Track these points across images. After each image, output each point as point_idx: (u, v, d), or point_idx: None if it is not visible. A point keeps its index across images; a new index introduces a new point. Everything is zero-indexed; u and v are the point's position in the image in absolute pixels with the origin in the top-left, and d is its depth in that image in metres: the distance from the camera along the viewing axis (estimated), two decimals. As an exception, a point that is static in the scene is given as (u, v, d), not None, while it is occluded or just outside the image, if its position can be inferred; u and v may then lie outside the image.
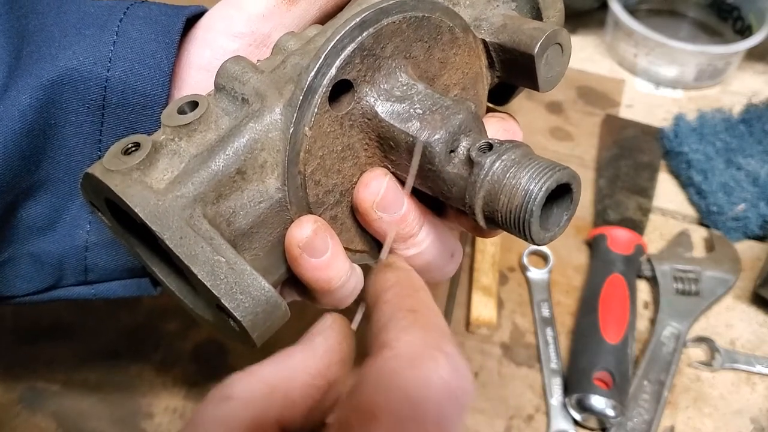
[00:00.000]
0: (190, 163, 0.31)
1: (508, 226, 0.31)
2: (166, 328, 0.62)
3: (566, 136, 0.81)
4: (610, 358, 0.57)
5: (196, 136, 0.32)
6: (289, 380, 0.25)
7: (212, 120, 0.33)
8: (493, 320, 0.63)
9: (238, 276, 0.30)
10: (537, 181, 0.30)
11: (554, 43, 0.37)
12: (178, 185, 0.31)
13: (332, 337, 0.26)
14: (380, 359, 0.23)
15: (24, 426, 0.56)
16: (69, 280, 0.40)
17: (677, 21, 0.97)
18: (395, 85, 0.34)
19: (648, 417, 0.57)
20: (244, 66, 0.34)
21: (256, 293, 0.30)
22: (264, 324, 0.31)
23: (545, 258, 0.68)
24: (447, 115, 0.33)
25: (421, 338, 0.23)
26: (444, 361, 0.22)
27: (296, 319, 0.64)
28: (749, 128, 0.77)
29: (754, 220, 0.69)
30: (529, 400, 0.58)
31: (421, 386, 0.21)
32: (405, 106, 0.34)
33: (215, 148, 0.32)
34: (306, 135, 0.32)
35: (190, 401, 0.58)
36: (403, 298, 0.26)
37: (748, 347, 0.62)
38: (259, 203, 0.33)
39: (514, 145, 0.32)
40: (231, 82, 0.33)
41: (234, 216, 0.33)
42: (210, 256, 0.30)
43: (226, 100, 0.34)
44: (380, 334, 0.24)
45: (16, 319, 0.63)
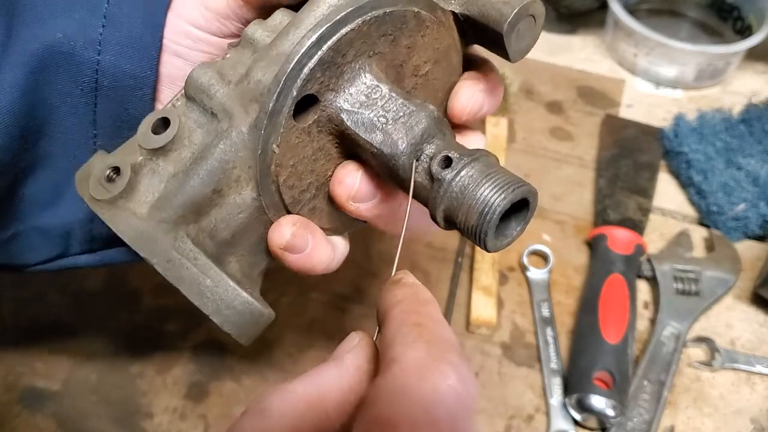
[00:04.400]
0: (169, 185, 0.33)
1: (465, 232, 0.33)
2: (166, 328, 0.62)
3: (566, 136, 0.81)
4: (610, 358, 0.57)
5: (172, 155, 0.34)
6: (324, 396, 0.26)
7: (185, 136, 0.34)
8: (493, 320, 0.63)
9: (223, 293, 0.33)
10: (493, 198, 0.31)
11: (526, 17, 0.36)
12: (159, 211, 0.33)
13: (361, 355, 0.27)
14: (389, 374, 0.24)
15: (24, 426, 0.56)
16: (75, 249, 0.42)
17: (677, 21, 0.97)
18: (360, 88, 0.35)
19: (648, 417, 0.57)
20: (210, 77, 0.34)
21: (241, 307, 0.33)
22: (249, 331, 0.34)
23: (545, 258, 0.68)
24: (410, 125, 0.34)
25: (426, 351, 0.24)
26: (450, 371, 0.23)
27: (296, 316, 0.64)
28: (749, 128, 0.77)
29: (754, 220, 0.69)
30: (529, 400, 0.58)
31: (431, 393, 0.23)
32: (369, 114, 0.34)
33: (190, 171, 0.33)
34: (275, 152, 0.34)
35: (190, 401, 0.58)
36: (409, 314, 0.27)
37: (748, 347, 0.62)
38: (238, 214, 0.35)
39: (472, 159, 0.32)
40: (199, 95, 0.35)
41: (215, 230, 0.35)
42: (196, 278, 0.33)
43: (197, 112, 0.35)
44: (388, 350, 0.25)
45: (16, 319, 0.63)
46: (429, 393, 0.23)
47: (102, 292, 0.65)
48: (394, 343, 0.25)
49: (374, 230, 0.58)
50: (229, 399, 0.58)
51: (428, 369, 0.23)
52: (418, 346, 0.24)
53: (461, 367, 0.24)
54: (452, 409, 0.23)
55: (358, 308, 0.64)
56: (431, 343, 0.25)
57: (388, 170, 0.34)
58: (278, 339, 0.62)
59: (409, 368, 0.24)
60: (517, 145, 0.80)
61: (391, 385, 0.23)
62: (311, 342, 0.62)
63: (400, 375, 0.23)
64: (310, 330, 0.63)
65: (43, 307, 0.63)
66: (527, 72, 0.89)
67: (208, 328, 0.62)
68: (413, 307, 0.27)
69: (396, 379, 0.23)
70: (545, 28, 0.96)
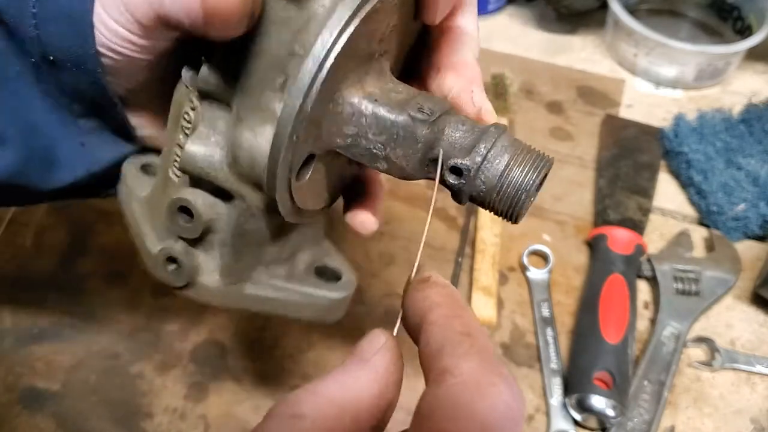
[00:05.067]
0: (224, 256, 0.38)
1: (493, 210, 0.33)
2: (166, 328, 0.62)
3: (566, 136, 0.81)
4: (610, 358, 0.57)
5: (211, 229, 0.37)
6: (356, 401, 0.25)
7: (211, 210, 0.37)
8: (493, 320, 0.63)
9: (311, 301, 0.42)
10: (522, 182, 0.31)
11: None
12: (227, 276, 0.39)
13: (388, 357, 0.26)
14: (444, 386, 0.23)
15: (24, 426, 0.56)
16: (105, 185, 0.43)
17: (677, 21, 0.97)
18: (346, 121, 0.32)
19: (648, 417, 0.57)
20: (202, 157, 0.35)
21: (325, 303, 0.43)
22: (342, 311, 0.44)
23: (545, 258, 0.68)
24: (407, 146, 0.32)
25: (480, 364, 0.24)
26: (504, 387, 0.23)
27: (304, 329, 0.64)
28: (749, 128, 0.77)
29: (754, 220, 0.69)
30: (529, 400, 0.58)
31: (489, 412, 0.22)
32: (366, 145, 0.33)
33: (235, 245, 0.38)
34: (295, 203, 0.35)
35: (190, 401, 0.58)
36: (453, 319, 0.26)
37: (748, 347, 0.62)
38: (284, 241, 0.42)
39: (487, 151, 0.31)
40: (204, 177, 0.35)
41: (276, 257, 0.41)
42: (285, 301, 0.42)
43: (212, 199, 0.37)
44: (437, 359, 0.25)
45: (16, 319, 0.63)
46: (488, 411, 0.22)
47: (102, 292, 0.65)
48: (442, 352, 0.24)
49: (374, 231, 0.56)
50: (229, 399, 0.58)
51: (485, 385, 0.23)
52: (471, 358, 0.24)
53: (512, 380, 0.24)
54: (507, 429, 0.23)
55: (358, 308, 0.64)
56: (483, 355, 0.24)
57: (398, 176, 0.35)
58: (278, 339, 0.62)
59: (467, 382, 0.23)
60: (517, 145, 0.80)
61: (448, 399, 0.23)
62: (311, 342, 0.62)
63: (456, 388, 0.23)
64: (310, 330, 0.63)
65: (42, 308, 0.63)
66: (527, 72, 0.89)
67: (209, 328, 0.62)
68: (455, 312, 0.26)
69: (452, 393, 0.23)
70: (545, 28, 0.97)
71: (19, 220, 0.69)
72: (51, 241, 0.68)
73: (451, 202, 0.72)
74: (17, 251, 0.67)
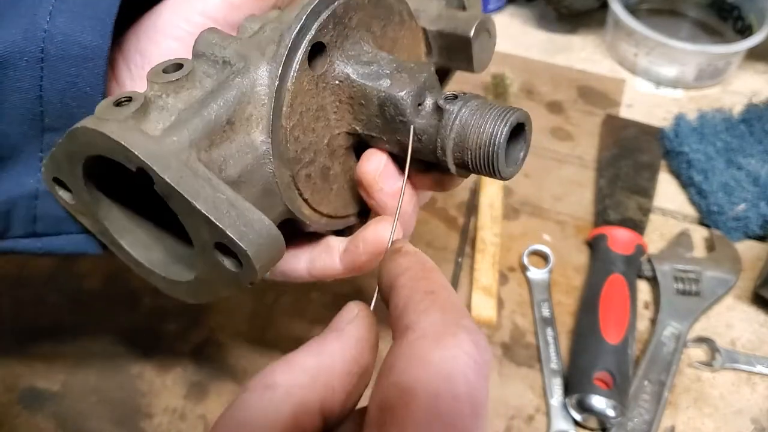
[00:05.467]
0: (182, 115, 0.33)
1: (476, 164, 0.35)
2: (165, 328, 0.62)
3: (566, 136, 0.81)
4: (610, 358, 0.57)
5: (183, 92, 0.33)
6: (329, 369, 0.26)
7: (197, 79, 0.34)
8: (493, 320, 0.63)
9: (239, 210, 0.31)
10: (501, 119, 0.34)
11: (485, 29, 0.43)
12: (173, 131, 0.32)
13: (362, 326, 0.27)
14: (406, 342, 0.24)
15: (24, 426, 0.56)
16: (17, 230, 0.39)
17: (677, 21, 0.97)
18: (361, 52, 0.37)
19: (648, 417, 0.57)
20: (222, 35, 0.36)
21: (258, 227, 0.31)
22: (267, 255, 0.31)
23: (545, 258, 0.68)
24: (413, 74, 0.36)
25: (441, 318, 0.24)
26: (465, 337, 0.23)
27: (296, 315, 0.64)
28: (750, 128, 0.77)
29: (754, 220, 0.69)
30: (529, 401, 0.58)
31: (448, 361, 0.23)
32: (374, 68, 0.37)
33: (206, 99, 0.33)
34: (288, 90, 0.34)
35: (190, 401, 0.58)
36: (419, 281, 0.27)
37: (748, 347, 0.62)
38: (246, 154, 0.35)
39: (474, 95, 0.36)
40: (211, 48, 0.35)
41: (225, 164, 0.34)
42: (211, 193, 0.31)
43: (206, 65, 0.35)
44: (402, 318, 0.25)
45: (15, 320, 0.63)
46: (448, 362, 0.23)
47: (102, 292, 0.65)
48: (407, 310, 0.25)
49: None
50: (229, 399, 0.58)
51: (445, 336, 0.23)
52: (432, 313, 0.24)
53: (476, 333, 0.24)
54: (471, 379, 0.23)
55: (358, 308, 0.64)
56: (445, 309, 0.25)
57: (393, 119, 0.36)
58: (278, 339, 0.62)
59: (426, 335, 0.23)
60: (517, 145, 0.80)
61: (409, 353, 0.23)
62: (311, 342, 0.62)
63: (417, 343, 0.23)
64: (310, 330, 0.63)
65: (42, 308, 0.63)
66: (527, 72, 0.89)
67: (208, 328, 0.62)
68: (422, 274, 0.27)
69: (413, 347, 0.23)
70: (546, 28, 0.97)
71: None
72: (51, 241, 0.68)
73: (451, 202, 0.73)
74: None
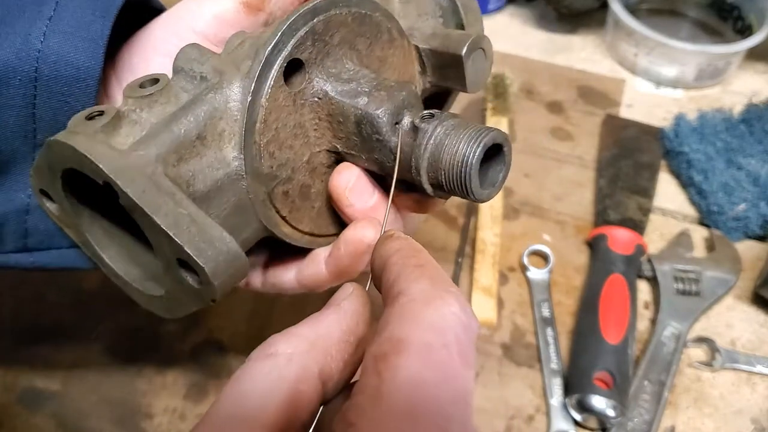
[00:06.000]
0: (152, 129, 0.33)
1: (451, 185, 0.34)
2: (165, 328, 0.62)
3: (566, 136, 0.81)
4: (610, 358, 0.57)
5: (156, 107, 0.34)
6: (326, 336, 0.27)
7: (172, 94, 0.35)
8: (493, 320, 0.63)
9: (200, 227, 0.31)
10: (475, 140, 0.33)
11: (479, 48, 0.41)
12: (140, 145, 0.32)
13: (356, 301, 0.29)
14: (398, 305, 0.26)
15: (24, 426, 0.56)
16: (8, 245, 0.39)
17: (677, 21, 0.97)
18: (342, 70, 0.37)
19: (648, 417, 0.57)
20: (202, 50, 0.36)
21: (219, 244, 0.31)
22: (226, 272, 0.31)
23: (545, 258, 0.68)
24: (392, 92, 0.36)
25: (431, 284, 0.26)
26: (453, 299, 0.25)
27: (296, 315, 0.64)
28: (750, 128, 0.77)
29: (754, 220, 0.69)
30: (529, 401, 0.58)
31: (437, 318, 0.24)
32: (353, 86, 0.36)
33: (177, 114, 0.33)
34: (262, 106, 0.34)
35: (190, 401, 0.58)
36: (409, 257, 0.28)
37: (748, 347, 0.62)
38: (217, 169, 0.34)
39: (452, 115, 0.35)
40: (189, 63, 0.35)
41: (193, 179, 0.34)
42: (173, 208, 0.31)
43: (184, 80, 0.35)
44: (393, 287, 0.27)
45: (15, 320, 0.63)
46: (437, 318, 0.24)
47: (102, 292, 0.65)
48: (398, 280, 0.27)
49: None
50: (229, 399, 0.58)
51: (434, 298, 0.25)
52: (423, 281, 0.26)
53: (463, 299, 0.26)
54: (459, 333, 0.24)
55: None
56: (434, 278, 0.27)
57: (370, 137, 0.36)
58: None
59: (416, 298, 0.25)
60: (517, 145, 0.80)
61: (400, 311, 0.25)
62: (311, 342, 0.62)
63: (408, 304, 0.25)
64: (310, 330, 0.62)
65: (42, 308, 0.63)
66: (527, 72, 0.89)
67: (208, 328, 0.62)
68: (412, 253, 0.29)
69: (404, 307, 0.25)
70: (545, 28, 0.97)
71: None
72: (51, 240, 0.68)
73: (451, 203, 0.73)
74: (17, 251, 0.68)
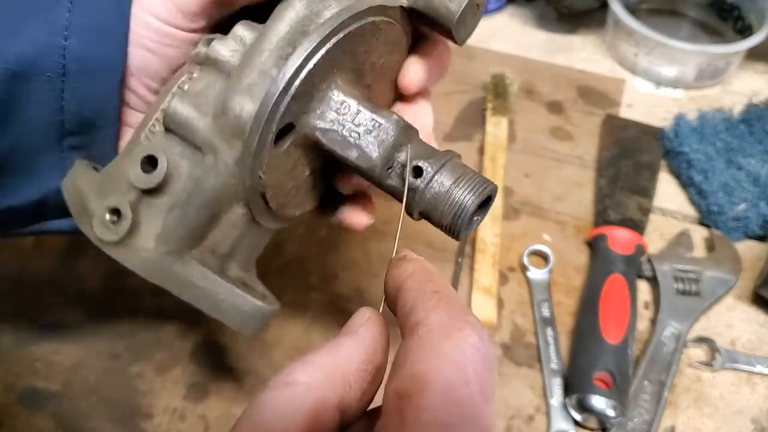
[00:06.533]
0: (168, 219, 0.37)
1: (441, 223, 0.37)
2: (165, 328, 0.62)
3: (566, 136, 0.81)
4: (610, 358, 0.57)
5: (165, 189, 0.37)
6: (344, 366, 0.27)
7: (173, 170, 0.37)
8: (493, 320, 0.63)
9: (235, 302, 0.39)
10: (464, 201, 0.36)
11: (471, 7, 0.39)
12: (164, 244, 0.37)
13: (374, 328, 0.29)
14: (416, 337, 0.25)
15: (24, 426, 0.56)
16: (50, 216, 0.42)
17: (677, 21, 0.97)
18: (329, 106, 0.38)
19: (648, 417, 0.57)
20: (188, 112, 0.36)
21: (251, 311, 0.40)
22: (260, 326, 0.41)
23: (545, 258, 0.68)
24: (381, 138, 0.37)
25: (448, 314, 0.26)
26: (471, 330, 0.25)
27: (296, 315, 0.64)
28: (750, 128, 0.77)
29: (754, 220, 0.69)
30: (529, 401, 0.58)
31: (459, 352, 0.24)
32: (342, 132, 0.37)
33: (186, 205, 0.37)
34: (261, 178, 0.37)
35: (190, 401, 0.58)
36: (424, 283, 0.28)
37: (748, 347, 0.62)
38: (232, 230, 0.39)
39: (441, 165, 0.36)
40: (181, 129, 0.36)
41: (216, 246, 0.39)
42: (209, 294, 0.39)
43: (180, 146, 0.37)
44: (410, 316, 0.27)
45: (16, 320, 0.63)
46: (457, 352, 0.24)
47: (102, 292, 0.65)
48: (415, 309, 0.27)
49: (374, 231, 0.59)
50: (229, 399, 0.58)
51: (452, 329, 0.25)
52: (440, 310, 0.26)
53: (480, 328, 0.26)
54: (479, 367, 0.24)
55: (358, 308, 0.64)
56: (451, 307, 0.26)
57: (367, 178, 0.38)
58: (278, 339, 0.62)
59: (434, 329, 0.25)
60: (517, 145, 0.80)
61: (420, 345, 0.25)
62: (311, 342, 0.62)
63: (427, 336, 0.25)
64: (310, 330, 0.63)
65: (43, 308, 0.63)
66: (527, 72, 0.89)
67: (208, 329, 0.62)
68: (427, 277, 0.29)
69: (423, 340, 0.25)
70: (545, 28, 0.97)
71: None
72: (51, 240, 0.68)
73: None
74: (17, 251, 0.68)
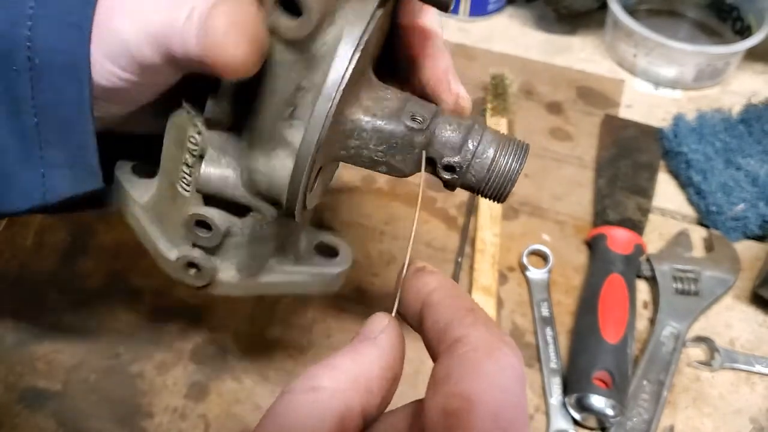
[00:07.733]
0: (241, 257, 0.41)
1: (486, 191, 0.37)
2: (165, 328, 0.62)
3: (566, 136, 0.81)
4: (609, 358, 0.57)
5: (228, 239, 0.40)
6: (368, 372, 0.27)
7: (224, 227, 0.39)
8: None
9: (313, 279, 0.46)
10: (508, 170, 0.36)
11: None
12: (245, 269, 0.42)
13: (393, 335, 0.29)
14: (457, 354, 0.26)
15: (24, 425, 0.56)
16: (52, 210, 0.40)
17: (677, 21, 0.97)
18: (349, 135, 0.35)
19: (647, 416, 0.57)
20: (217, 182, 0.37)
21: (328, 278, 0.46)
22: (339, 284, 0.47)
23: (545, 258, 0.68)
24: (405, 153, 0.35)
25: (487, 332, 0.26)
26: (509, 350, 0.25)
27: (296, 316, 0.64)
28: (748, 128, 0.77)
29: (753, 220, 0.69)
30: (528, 400, 0.58)
31: (500, 372, 0.25)
32: (367, 154, 0.36)
33: (251, 244, 0.41)
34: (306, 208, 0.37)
35: (190, 401, 0.58)
36: (456, 299, 0.29)
37: (747, 347, 0.62)
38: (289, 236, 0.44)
39: (473, 155, 0.35)
40: (218, 195, 0.37)
41: (285, 250, 0.44)
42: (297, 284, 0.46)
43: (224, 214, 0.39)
44: (447, 332, 0.27)
45: (16, 319, 0.63)
46: (499, 371, 0.25)
47: (102, 292, 0.65)
48: (452, 325, 0.27)
49: (374, 231, 0.59)
50: (229, 399, 0.58)
51: (495, 349, 0.25)
52: (479, 328, 0.26)
53: (515, 346, 0.26)
54: (518, 390, 0.25)
55: (358, 308, 0.64)
56: (488, 325, 0.27)
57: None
58: (278, 339, 0.62)
59: (476, 348, 0.25)
60: (516, 145, 0.80)
61: (461, 363, 0.25)
62: (311, 342, 0.62)
63: (470, 355, 0.25)
64: (310, 330, 0.63)
65: (43, 307, 0.64)
66: (527, 72, 0.89)
67: (208, 328, 0.62)
68: (456, 292, 0.29)
69: (466, 359, 0.25)
70: (545, 29, 0.97)
71: (20, 220, 0.69)
72: (51, 240, 0.68)
73: (451, 202, 0.73)
74: (17, 251, 0.68)
